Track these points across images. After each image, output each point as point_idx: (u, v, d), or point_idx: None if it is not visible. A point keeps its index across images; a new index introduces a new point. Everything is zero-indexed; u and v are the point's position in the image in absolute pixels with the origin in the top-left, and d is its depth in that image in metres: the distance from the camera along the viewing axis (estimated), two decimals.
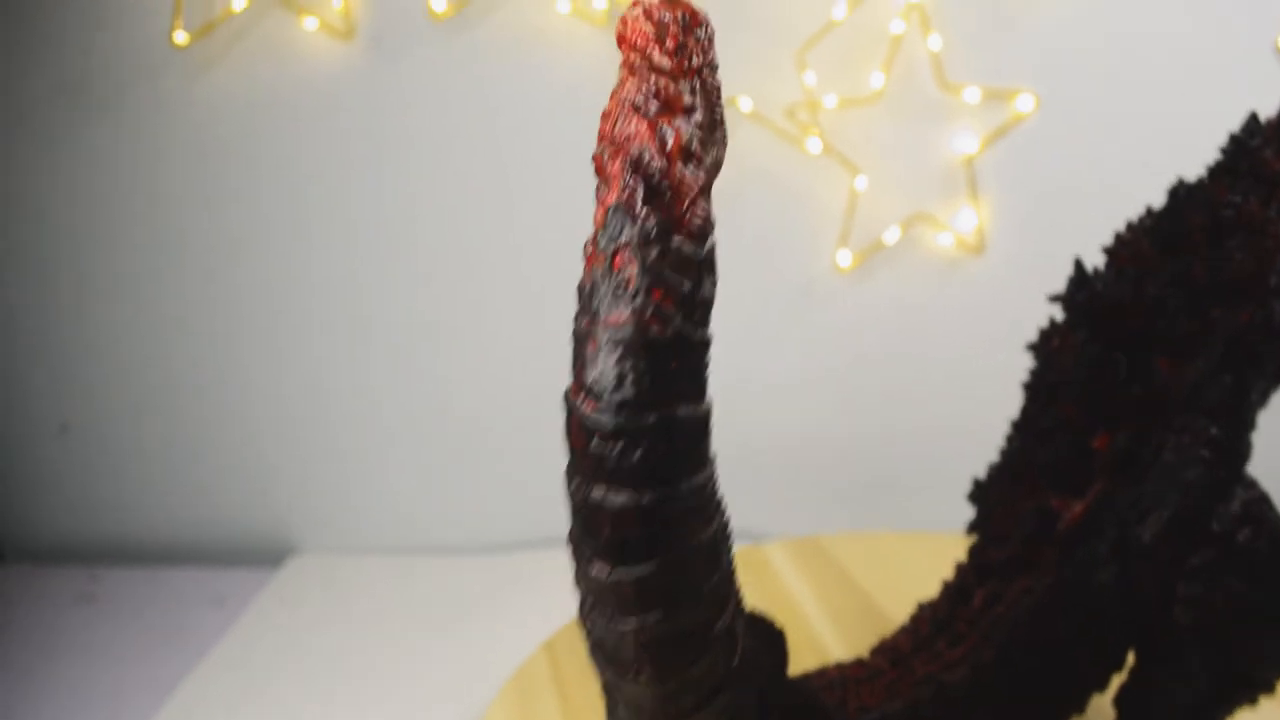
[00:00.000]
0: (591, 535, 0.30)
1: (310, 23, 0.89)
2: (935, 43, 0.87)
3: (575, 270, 0.79)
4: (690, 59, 0.30)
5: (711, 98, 0.30)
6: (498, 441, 1.00)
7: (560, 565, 0.93)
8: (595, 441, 0.29)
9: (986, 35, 0.89)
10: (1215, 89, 0.88)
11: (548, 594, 0.86)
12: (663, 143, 0.29)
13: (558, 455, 0.55)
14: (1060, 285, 0.92)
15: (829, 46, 0.87)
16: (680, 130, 0.29)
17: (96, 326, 1.00)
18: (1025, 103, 0.89)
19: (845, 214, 0.91)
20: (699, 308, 0.29)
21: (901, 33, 0.87)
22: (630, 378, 0.29)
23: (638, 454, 0.29)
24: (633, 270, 0.29)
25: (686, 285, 0.29)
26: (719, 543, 0.32)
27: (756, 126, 0.89)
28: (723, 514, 0.32)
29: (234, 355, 1.00)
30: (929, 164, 0.91)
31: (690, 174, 0.29)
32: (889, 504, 0.98)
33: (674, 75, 0.30)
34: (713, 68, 0.30)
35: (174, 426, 1.03)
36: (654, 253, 0.29)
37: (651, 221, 0.29)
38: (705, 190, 0.29)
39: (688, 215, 0.29)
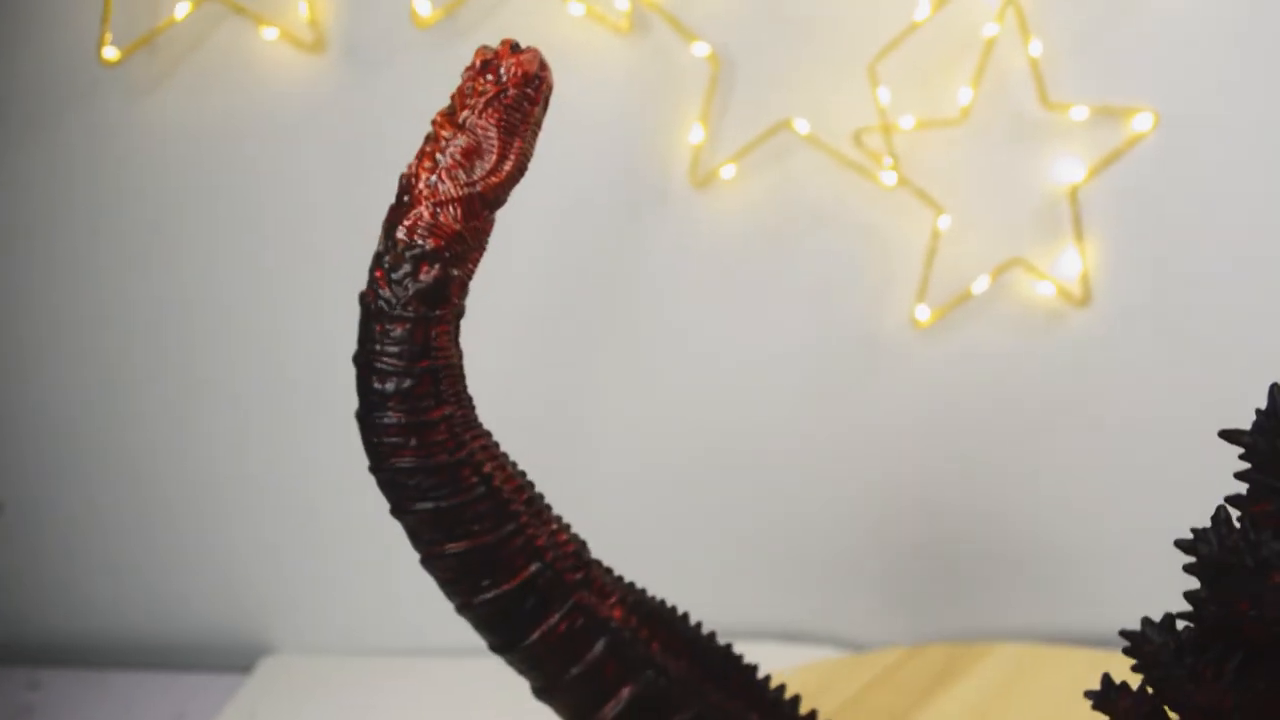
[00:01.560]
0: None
1: (270, 33, 0.74)
2: (1036, 49, 0.72)
3: (588, 330, 0.64)
4: (479, 104, 0.39)
5: (498, 138, 0.39)
6: None
7: None
8: None
9: (1098, 39, 0.73)
10: None
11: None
12: (419, 159, 0.40)
13: None
14: (1180, 342, 0.78)
15: (907, 56, 0.72)
16: (428, 151, 0.39)
17: (34, 389, 0.86)
18: (1143, 122, 0.73)
19: (925, 259, 0.75)
20: (412, 292, 0.39)
21: (995, 37, 0.71)
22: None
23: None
24: (379, 249, 0.40)
25: (402, 269, 0.39)
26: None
27: (817, 153, 0.74)
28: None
29: (197, 426, 0.86)
30: (1026, 198, 0.76)
31: (427, 185, 0.39)
32: (967, 605, 0.83)
33: (452, 118, 0.40)
34: (510, 109, 0.39)
35: (128, 506, 0.89)
36: (385, 240, 0.40)
37: (392, 217, 0.40)
38: (453, 202, 0.39)
39: (412, 217, 0.39)
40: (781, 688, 0.51)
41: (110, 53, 0.74)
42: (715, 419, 0.82)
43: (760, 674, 0.51)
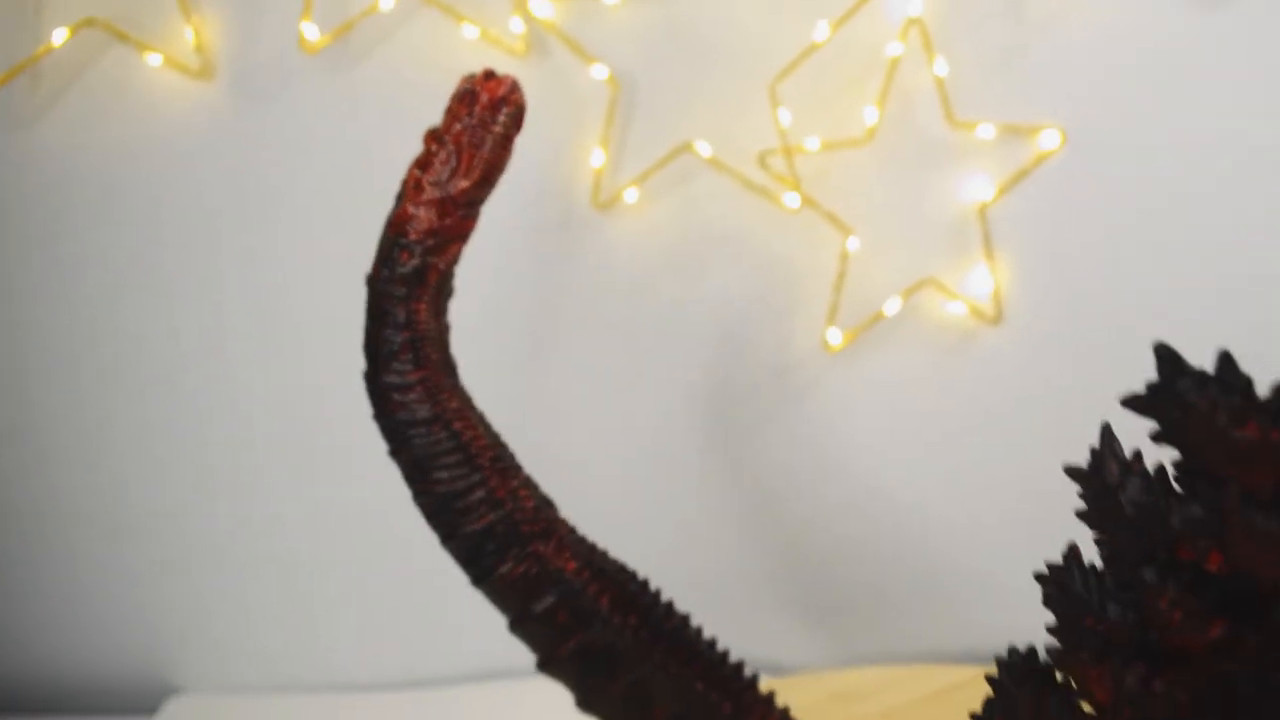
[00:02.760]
0: None
1: (154, 59, 0.72)
2: (941, 68, 0.72)
3: (495, 361, 0.64)
4: (451, 123, 0.48)
5: (462, 156, 0.48)
6: (411, 566, 0.85)
7: (479, 701, 0.79)
8: None
9: (1004, 58, 0.73)
10: (1270, 118, 0.73)
11: None
12: (411, 167, 0.48)
13: (463, 587, 0.51)
14: (1092, 357, 0.78)
15: (810, 76, 0.71)
16: (417, 161, 0.49)
17: None
18: (1050, 140, 0.74)
19: (835, 282, 0.75)
20: (396, 275, 0.48)
21: (899, 56, 0.71)
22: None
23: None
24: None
25: (395, 254, 0.48)
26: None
27: (721, 176, 0.73)
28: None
29: (102, 464, 0.84)
30: (935, 217, 0.76)
31: (413, 188, 0.48)
32: (885, 628, 0.83)
33: (436, 135, 0.48)
34: (478, 127, 0.48)
35: (26, 548, 0.87)
36: (382, 233, 0.48)
37: (391, 214, 0.48)
38: (430, 203, 0.47)
39: (401, 213, 0.48)
40: (726, 654, 0.54)
41: None
42: (622, 448, 0.81)
43: (713, 648, 0.54)
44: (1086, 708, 0.37)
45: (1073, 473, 0.37)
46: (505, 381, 0.80)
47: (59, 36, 0.72)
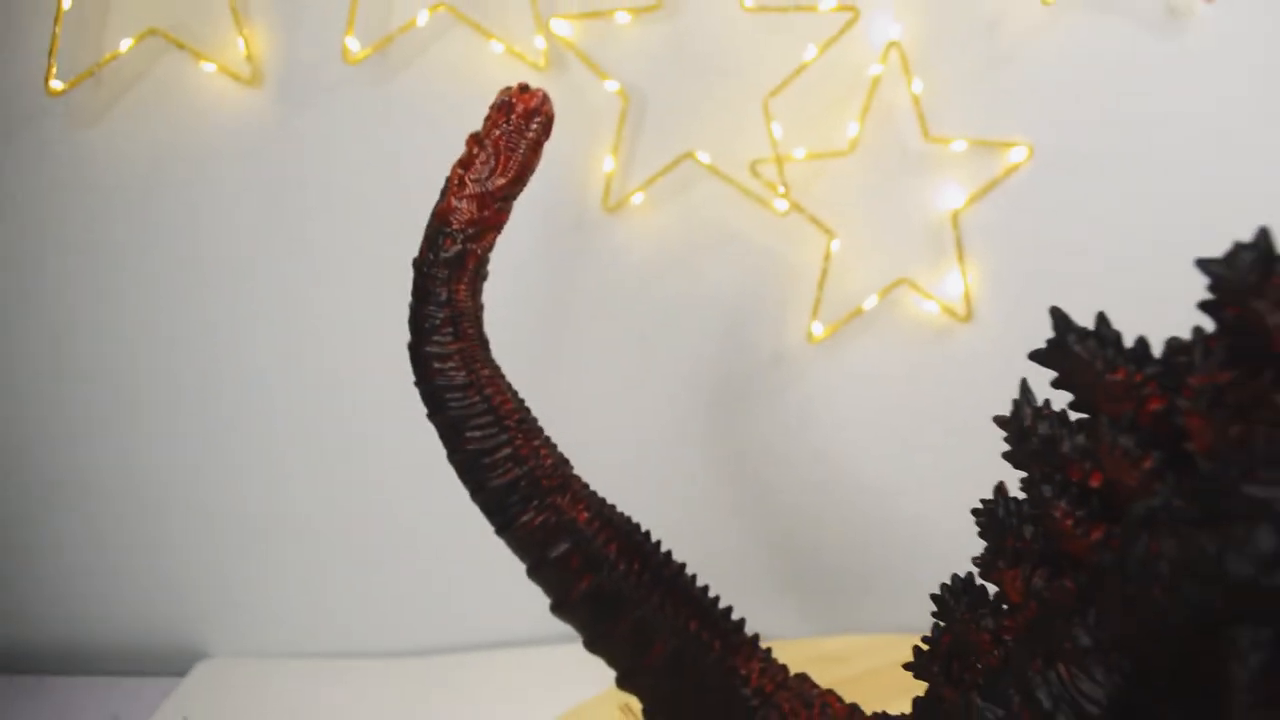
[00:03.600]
0: None
1: (208, 67, 0.81)
2: (917, 87, 0.81)
3: (517, 346, 0.72)
4: (491, 129, 0.55)
5: (499, 158, 0.54)
6: (421, 542, 0.93)
7: (482, 669, 0.86)
8: None
9: (974, 79, 0.82)
10: (1226, 135, 0.82)
11: (469, 700, 0.84)
12: (455, 166, 0.55)
13: (484, 558, 0.54)
14: None
15: (799, 93, 0.80)
16: (461, 160, 0.55)
17: None
18: (1018, 154, 0.82)
19: (819, 280, 0.84)
20: (440, 260, 0.54)
21: (879, 76, 0.80)
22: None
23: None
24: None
25: (439, 241, 0.54)
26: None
27: (719, 182, 0.82)
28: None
29: (135, 440, 0.92)
30: (911, 223, 0.84)
31: (456, 184, 0.54)
32: (865, 602, 0.91)
33: (477, 138, 0.55)
34: (513, 133, 0.54)
35: (63, 517, 0.94)
36: (429, 226, 0.54)
37: (436, 207, 0.54)
38: (471, 197, 0.54)
39: (445, 205, 0.54)
40: (717, 599, 0.60)
41: (56, 84, 0.80)
42: (629, 430, 0.89)
43: (705, 593, 0.61)
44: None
45: (999, 420, 0.46)
46: (523, 367, 0.87)
47: (125, 44, 0.81)
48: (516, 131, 0.56)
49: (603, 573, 0.57)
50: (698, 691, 0.60)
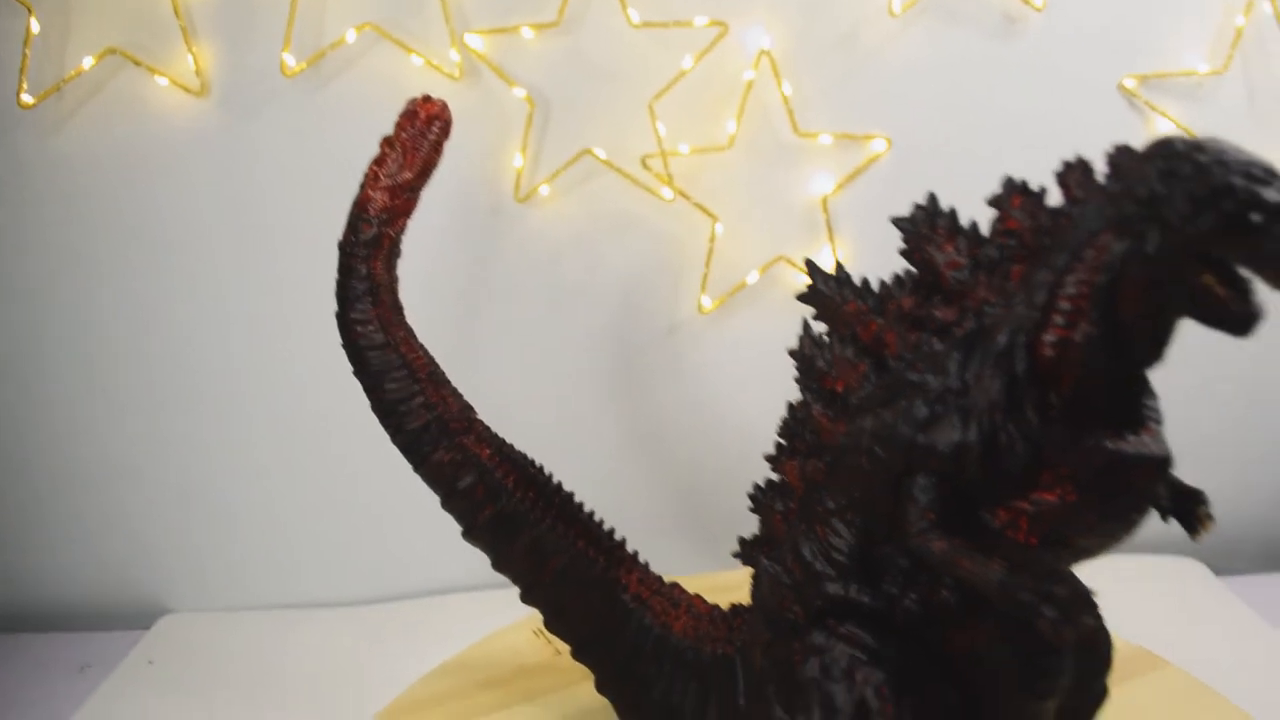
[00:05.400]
0: None
1: (162, 81, 0.95)
2: (787, 89, 0.96)
3: (443, 320, 0.85)
4: (399, 132, 0.67)
5: (406, 155, 0.67)
6: (372, 496, 1.06)
7: (437, 615, 0.99)
8: None
9: (837, 81, 0.97)
10: (1060, 126, 0.98)
11: (420, 641, 0.93)
12: (371, 164, 0.66)
13: (430, 511, 0.66)
14: None
15: (680, 96, 0.95)
16: (375, 158, 0.67)
17: None
18: (879, 146, 0.98)
19: (706, 259, 0.98)
20: (359, 241, 0.65)
21: (752, 80, 0.95)
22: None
23: None
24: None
25: (359, 225, 0.65)
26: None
27: (614, 175, 0.97)
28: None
29: (96, 410, 1.04)
30: (786, 207, 0.99)
31: (370, 178, 0.67)
32: None
33: (388, 140, 0.67)
34: (418, 135, 0.67)
35: (31, 482, 1.06)
36: (350, 213, 0.65)
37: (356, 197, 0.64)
38: (384, 189, 0.66)
39: (363, 196, 0.65)
40: (601, 522, 0.73)
41: (27, 98, 0.94)
42: (541, 394, 1.04)
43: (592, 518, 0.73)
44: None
45: (790, 351, 0.60)
46: (446, 338, 1.01)
47: (87, 62, 0.95)
48: (420, 134, 0.69)
49: (502, 500, 0.70)
50: (585, 599, 0.73)
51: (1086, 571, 0.58)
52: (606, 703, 0.75)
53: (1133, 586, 1.03)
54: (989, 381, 0.45)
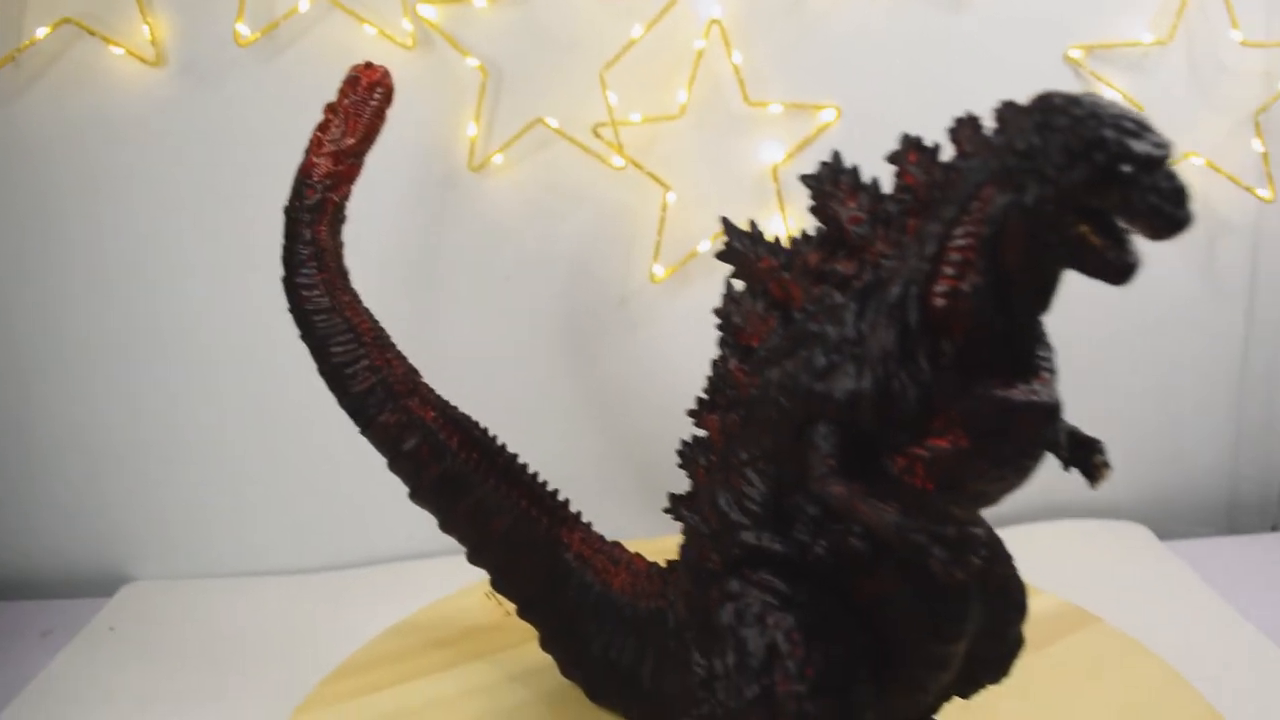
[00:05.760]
0: None
1: (117, 51, 0.96)
2: (738, 58, 0.97)
3: (398, 289, 0.86)
4: (342, 99, 0.70)
5: (349, 122, 0.70)
6: (335, 462, 1.07)
7: (398, 580, 1.01)
8: None
9: (787, 51, 0.99)
10: (1007, 96, 0.99)
11: (383, 609, 0.94)
12: (315, 129, 0.69)
13: (388, 479, 0.68)
14: None
15: (632, 65, 0.97)
16: (319, 124, 0.69)
17: None
18: (828, 115, 0.99)
19: (658, 227, 1.00)
20: (304, 206, 0.68)
21: (702, 49, 0.97)
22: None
23: None
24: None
25: (303, 191, 0.68)
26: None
27: (566, 144, 0.98)
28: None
29: (56, 375, 1.05)
30: (737, 176, 1.01)
31: (314, 144, 0.69)
32: None
33: (331, 107, 0.70)
34: (360, 102, 0.70)
35: None
36: (295, 179, 0.67)
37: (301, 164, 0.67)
38: (328, 155, 0.69)
39: (307, 162, 0.68)
40: (545, 483, 0.75)
41: None
42: (496, 360, 1.06)
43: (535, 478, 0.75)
44: None
45: (715, 310, 0.62)
46: (401, 306, 1.04)
47: (41, 32, 0.96)
48: (362, 100, 0.71)
49: (446, 461, 0.72)
50: (529, 558, 0.75)
51: (1035, 534, 0.60)
52: (552, 660, 0.78)
53: (1078, 551, 1.06)
54: (883, 331, 0.47)
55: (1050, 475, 1.13)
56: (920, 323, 0.47)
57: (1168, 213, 0.39)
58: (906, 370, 0.47)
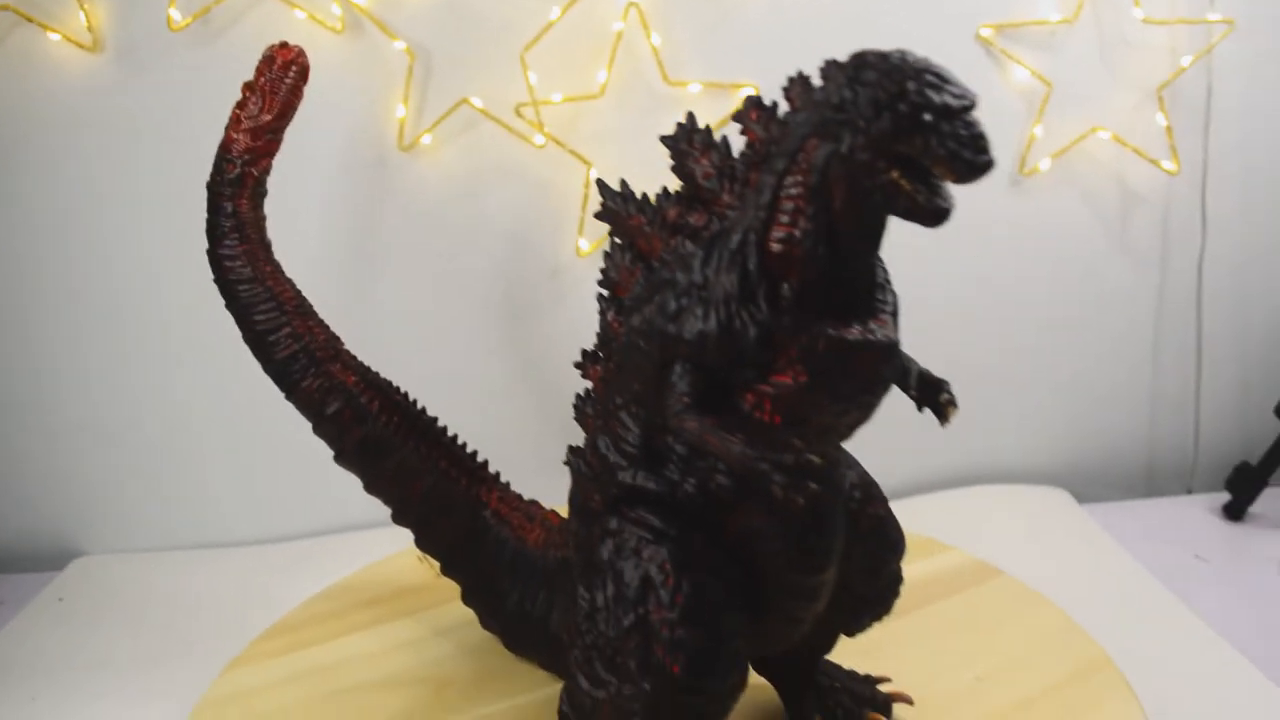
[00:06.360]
0: None
1: (55, 37, 1.00)
2: (656, 40, 1.02)
3: (334, 267, 0.89)
4: (259, 77, 0.74)
5: (265, 99, 0.74)
6: (272, 445, 1.11)
7: (349, 550, 1.04)
8: None
9: (705, 33, 1.03)
10: None
11: (327, 575, 0.98)
12: (234, 107, 0.73)
13: (324, 459, 0.71)
14: None
15: (553, 47, 1.01)
16: (238, 102, 0.73)
17: None
18: (745, 94, 1.03)
19: (581, 203, 1.05)
20: (225, 180, 0.72)
21: (621, 30, 1.01)
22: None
23: None
24: None
25: (223, 166, 0.72)
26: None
27: (492, 124, 1.03)
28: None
29: (5, 357, 1.09)
30: (659, 154, 1.05)
31: (233, 120, 0.73)
32: None
33: (249, 85, 0.74)
34: (275, 80, 0.74)
35: None
36: (216, 155, 0.72)
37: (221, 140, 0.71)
38: (246, 131, 0.73)
39: (226, 138, 0.71)
40: (465, 445, 0.79)
41: None
42: (430, 333, 1.09)
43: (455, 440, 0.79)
44: None
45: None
46: (339, 282, 1.08)
47: None
48: (278, 78, 0.75)
49: (368, 424, 0.76)
50: (449, 517, 0.79)
51: (957, 499, 0.64)
52: (473, 615, 0.82)
53: (996, 513, 1.11)
54: (726, 275, 0.52)
55: (975, 443, 1.19)
56: (759, 266, 0.51)
57: (967, 158, 0.44)
58: (747, 311, 0.51)
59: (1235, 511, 1.11)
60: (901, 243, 0.54)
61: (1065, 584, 0.92)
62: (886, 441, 0.77)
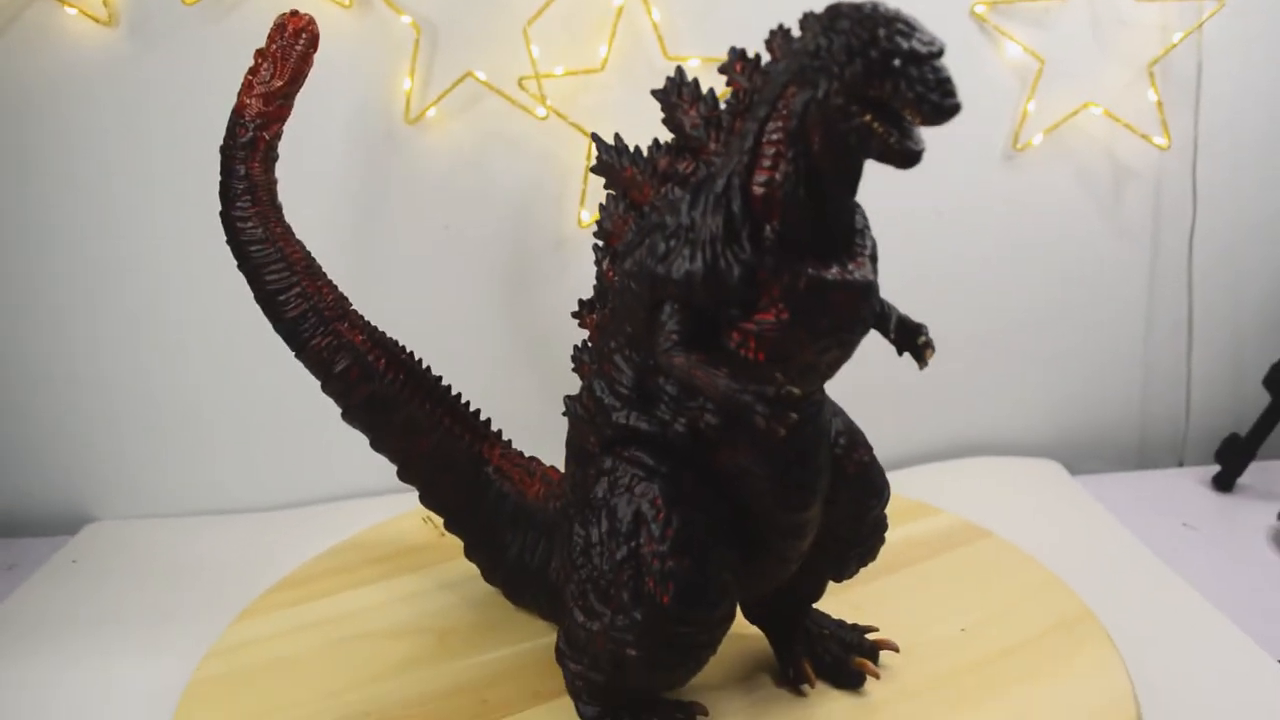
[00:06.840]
0: None
1: (71, 11, 1.04)
2: (657, 15, 1.05)
3: (343, 237, 0.93)
4: (270, 44, 0.76)
5: (277, 65, 0.77)
6: (279, 414, 1.14)
7: (358, 518, 1.07)
8: None
9: (705, 7, 1.06)
10: None
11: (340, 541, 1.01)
12: (247, 73, 0.75)
13: (329, 428, 0.75)
14: None
15: (556, 21, 1.04)
16: (250, 68, 0.75)
17: None
18: (731, 47, 1.06)
19: (583, 175, 1.08)
20: (238, 144, 0.74)
21: (622, 5, 1.04)
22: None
23: None
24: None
25: (236, 130, 0.74)
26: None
27: (499, 98, 1.06)
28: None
29: (19, 317, 1.12)
30: (659, 127, 1.08)
31: (246, 85, 0.76)
32: None
33: (261, 52, 0.76)
34: (286, 47, 0.76)
35: None
36: (229, 120, 0.74)
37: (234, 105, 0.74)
38: (258, 96, 0.76)
39: (239, 103, 0.74)
40: (468, 403, 0.82)
41: None
42: (437, 303, 1.13)
43: (459, 399, 0.82)
44: None
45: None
46: (347, 251, 1.11)
47: None
48: (289, 45, 0.78)
49: (375, 382, 0.79)
50: (452, 473, 0.83)
51: (952, 470, 0.67)
52: (476, 569, 0.85)
53: (990, 483, 1.14)
54: (711, 218, 0.55)
55: (968, 416, 1.21)
56: (743, 208, 0.54)
57: (934, 100, 0.47)
58: (731, 251, 0.54)
59: (1224, 482, 1.14)
60: (897, 217, 0.57)
61: (1054, 548, 0.94)
62: (881, 413, 0.81)
